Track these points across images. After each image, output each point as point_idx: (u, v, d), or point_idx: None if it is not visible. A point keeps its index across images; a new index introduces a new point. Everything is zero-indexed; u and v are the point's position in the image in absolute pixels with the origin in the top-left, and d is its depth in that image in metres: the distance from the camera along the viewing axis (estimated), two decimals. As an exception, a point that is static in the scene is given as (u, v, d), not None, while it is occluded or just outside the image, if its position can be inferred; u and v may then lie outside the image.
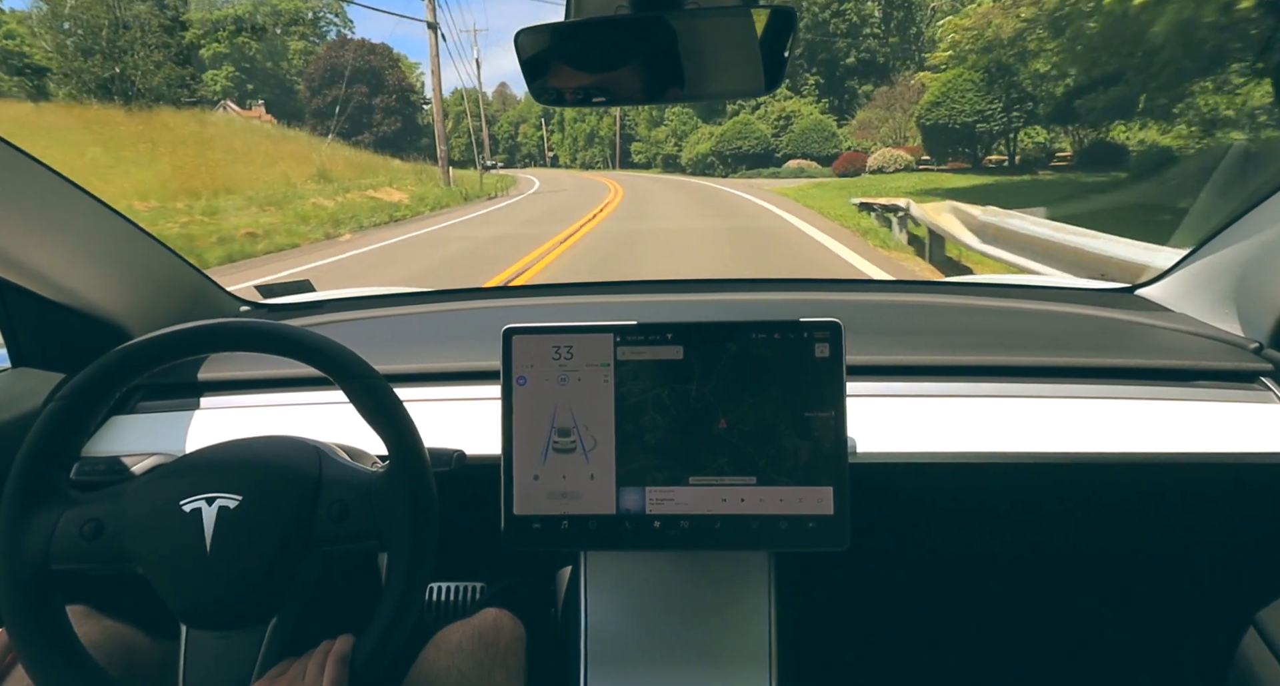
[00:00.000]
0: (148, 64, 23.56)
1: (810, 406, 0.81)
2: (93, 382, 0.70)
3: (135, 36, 23.90)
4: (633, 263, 7.80)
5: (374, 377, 0.73)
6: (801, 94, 36.01)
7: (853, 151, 26.56)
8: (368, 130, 41.50)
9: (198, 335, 0.72)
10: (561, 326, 0.84)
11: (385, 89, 43.09)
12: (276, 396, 1.05)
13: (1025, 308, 1.28)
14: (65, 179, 0.92)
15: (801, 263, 7.10)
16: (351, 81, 41.31)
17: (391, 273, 7.73)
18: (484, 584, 1.31)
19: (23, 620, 0.66)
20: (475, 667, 0.86)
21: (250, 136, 20.27)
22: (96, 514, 0.69)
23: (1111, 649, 1.25)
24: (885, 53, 36.85)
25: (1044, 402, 0.97)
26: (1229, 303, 1.09)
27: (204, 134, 19.49)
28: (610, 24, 0.72)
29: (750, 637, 0.90)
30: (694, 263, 7.40)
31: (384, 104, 42.92)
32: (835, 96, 36.23)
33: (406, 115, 44.45)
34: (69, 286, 0.99)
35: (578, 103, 0.76)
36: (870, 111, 30.31)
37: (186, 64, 27.59)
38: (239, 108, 38.67)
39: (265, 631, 0.72)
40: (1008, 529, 1.13)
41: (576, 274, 7.00)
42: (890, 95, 29.07)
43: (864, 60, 36.45)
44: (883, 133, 27.74)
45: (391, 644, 0.70)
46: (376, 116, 42.72)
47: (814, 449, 0.81)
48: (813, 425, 0.81)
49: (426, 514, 0.71)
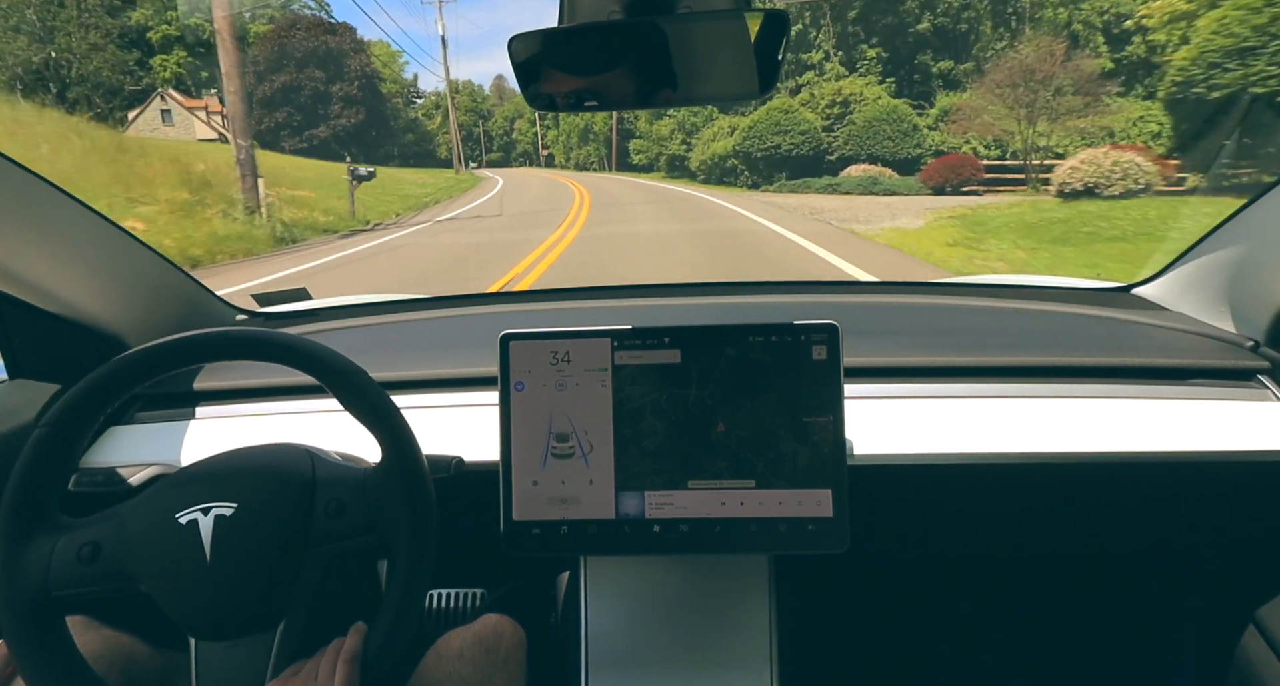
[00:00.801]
0: (83, 46, 20.21)
1: (808, 409, 0.81)
2: (76, 404, 0.69)
3: (71, 15, 20.49)
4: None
5: (358, 374, 0.73)
6: (858, 70, 24.66)
7: (954, 153, 17.46)
8: (323, 123, 36.26)
9: (177, 349, 0.72)
10: (558, 332, 0.84)
11: (345, 75, 36.92)
12: (275, 405, 1.05)
13: (1021, 307, 1.28)
14: (60, 190, 0.92)
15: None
16: (303, 65, 35.42)
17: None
18: (484, 590, 1.30)
19: (27, 648, 0.66)
20: (476, 673, 0.86)
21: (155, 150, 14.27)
22: (93, 536, 0.69)
23: (1111, 647, 1.25)
24: (971, 17, 24.71)
25: (1041, 402, 0.97)
26: (1225, 301, 1.09)
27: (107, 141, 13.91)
28: (603, 29, 0.73)
29: (750, 641, 0.90)
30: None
31: (343, 92, 36.77)
32: (904, 75, 24.58)
33: (372, 106, 38.76)
34: (65, 297, 0.99)
35: (570, 107, 0.76)
36: (972, 93, 19.68)
37: (132, 48, 23.80)
38: (181, 96, 33.85)
39: (275, 636, 0.72)
40: (1005, 529, 1.13)
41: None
42: (1011, 67, 17.08)
43: (941, 28, 24.68)
44: (1001, 122, 16.95)
45: (399, 637, 0.70)
46: (334, 107, 36.65)
47: (812, 451, 0.81)
48: (811, 428, 0.81)
49: (424, 505, 0.71)
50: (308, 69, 35.84)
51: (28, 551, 0.67)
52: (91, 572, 0.68)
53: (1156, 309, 1.23)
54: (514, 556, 0.83)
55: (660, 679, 0.89)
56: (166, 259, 1.13)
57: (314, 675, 0.66)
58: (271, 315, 1.40)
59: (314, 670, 0.67)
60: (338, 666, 0.67)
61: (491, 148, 75.54)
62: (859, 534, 0.81)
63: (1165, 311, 1.21)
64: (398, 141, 44.10)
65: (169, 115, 34.05)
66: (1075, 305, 1.26)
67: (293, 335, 0.75)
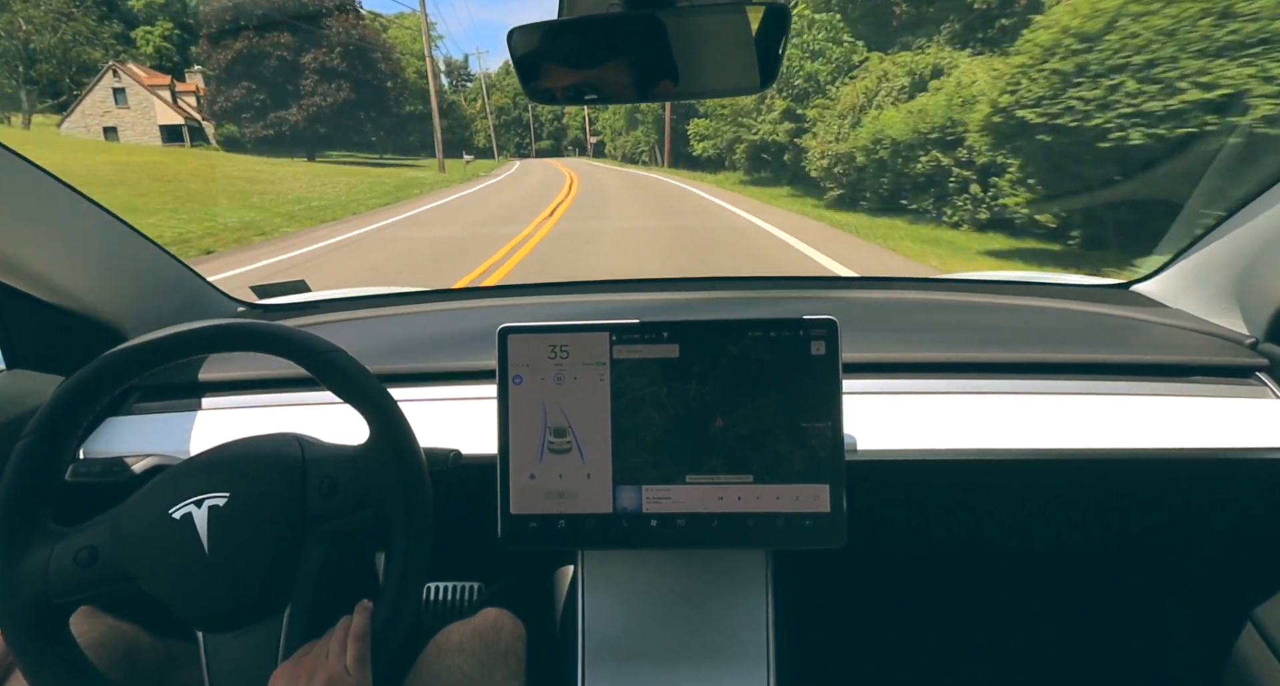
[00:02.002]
0: (45, 16, 16.75)
1: (806, 404, 0.81)
2: (59, 411, 0.69)
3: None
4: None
5: (335, 352, 0.74)
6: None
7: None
8: (294, 102, 28.96)
9: (143, 350, 0.71)
10: (557, 325, 0.84)
11: (325, 41, 29.09)
12: (273, 396, 1.05)
13: (1021, 304, 1.28)
14: (59, 180, 0.92)
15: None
16: (264, 29, 27.70)
17: None
18: (482, 584, 1.31)
19: (31, 654, 0.66)
20: (476, 667, 0.86)
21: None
22: (88, 541, 0.69)
23: (1109, 645, 1.26)
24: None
25: (1040, 399, 0.97)
26: (1225, 298, 1.09)
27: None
28: (603, 22, 0.72)
29: (748, 636, 0.90)
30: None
31: (318, 62, 28.88)
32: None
33: (359, 80, 30.67)
34: (64, 288, 0.98)
35: (570, 100, 0.76)
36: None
37: (107, 19, 19.11)
38: (142, 71, 28.04)
39: (281, 622, 0.72)
40: (1004, 525, 1.13)
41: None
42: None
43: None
44: None
45: (406, 611, 0.70)
46: (306, 82, 28.95)
47: (810, 447, 0.81)
48: (809, 423, 0.81)
49: (415, 475, 0.72)
50: (270, 33, 28.15)
51: (24, 561, 0.67)
52: (90, 576, 0.68)
53: (1156, 305, 1.23)
54: (512, 550, 0.84)
55: (658, 673, 0.89)
56: (166, 250, 1.13)
57: (325, 654, 0.67)
58: (270, 307, 1.40)
59: (324, 649, 0.67)
60: (348, 644, 0.67)
61: (541, 135, 67.33)
62: (857, 529, 0.81)
63: (1165, 308, 1.21)
64: (394, 126, 35.78)
65: (122, 95, 27.93)
66: (1075, 301, 1.26)
67: (273, 324, 0.75)
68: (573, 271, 6.58)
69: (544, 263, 7.17)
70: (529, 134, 66.93)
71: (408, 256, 8.03)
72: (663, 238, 8.86)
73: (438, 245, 8.85)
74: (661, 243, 8.41)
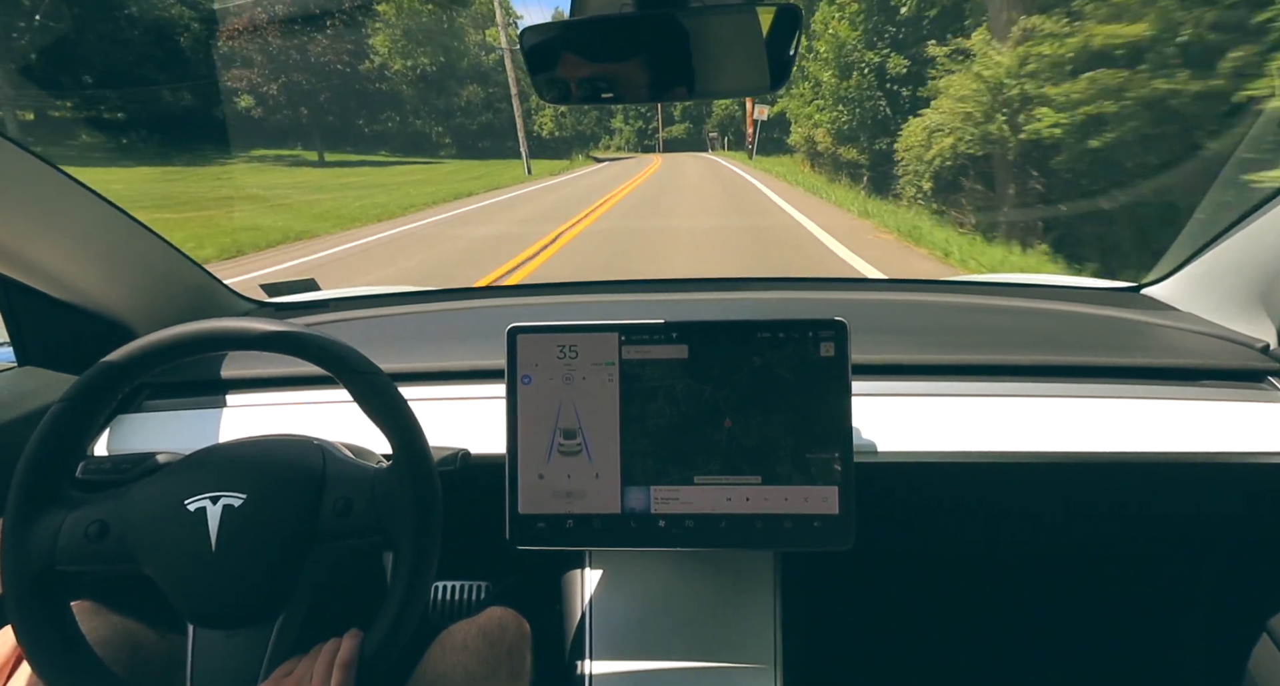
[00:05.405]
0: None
1: (815, 406, 0.81)
2: (96, 383, 0.70)
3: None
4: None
5: (376, 373, 0.74)
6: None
7: None
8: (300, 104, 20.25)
9: (198, 336, 0.72)
10: (566, 325, 0.84)
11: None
12: (283, 395, 1.05)
13: (1031, 306, 1.27)
14: (71, 178, 0.92)
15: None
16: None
17: None
18: (489, 583, 1.31)
19: (29, 620, 0.66)
20: (481, 666, 0.86)
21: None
22: (101, 515, 0.70)
23: (1120, 653, 1.25)
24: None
25: (1049, 402, 0.97)
26: (1236, 302, 1.08)
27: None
28: (615, 22, 0.72)
29: (756, 637, 0.90)
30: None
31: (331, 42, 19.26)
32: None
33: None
34: (75, 285, 0.99)
35: (583, 100, 0.76)
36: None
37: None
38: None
39: (272, 629, 0.72)
40: (1014, 529, 1.13)
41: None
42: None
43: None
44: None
45: (395, 642, 0.70)
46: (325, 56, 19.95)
47: (819, 448, 0.81)
48: (818, 424, 0.81)
49: (430, 509, 0.71)
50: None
51: (37, 524, 0.68)
52: (97, 550, 0.68)
53: (1167, 309, 1.22)
54: (519, 549, 0.84)
55: (665, 674, 0.89)
56: (176, 248, 1.13)
57: (307, 677, 0.66)
58: (281, 305, 1.40)
59: (307, 672, 0.67)
60: (333, 671, 0.66)
61: (673, 120, 55.37)
62: (865, 531, 0.81)
63: (1175, 312, 1.20)
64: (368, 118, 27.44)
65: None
66: (1085, 305, 1.26)
67: (307, 328, 0.75)
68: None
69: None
70: (653, 120, 51.29)
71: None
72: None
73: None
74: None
